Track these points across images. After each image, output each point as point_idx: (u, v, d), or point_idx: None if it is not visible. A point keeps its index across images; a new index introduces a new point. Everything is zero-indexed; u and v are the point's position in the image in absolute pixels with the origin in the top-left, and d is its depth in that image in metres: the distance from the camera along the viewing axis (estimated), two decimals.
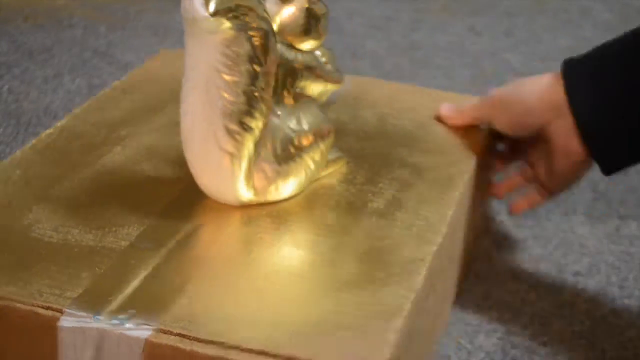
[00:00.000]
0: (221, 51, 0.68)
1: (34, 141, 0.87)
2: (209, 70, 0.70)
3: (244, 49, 0.69)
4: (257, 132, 0.72)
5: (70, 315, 0.61)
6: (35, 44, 1.79)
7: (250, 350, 0.60)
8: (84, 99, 1.60)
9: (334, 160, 0.85)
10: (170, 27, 1.92)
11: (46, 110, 1.54)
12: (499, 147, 1.03)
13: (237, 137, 0.72)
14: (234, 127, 0.71)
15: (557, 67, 1.04)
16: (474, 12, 2.15)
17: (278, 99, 0.77)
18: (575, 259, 1.23)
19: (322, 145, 0.80)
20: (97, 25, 1.90)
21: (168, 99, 0.94)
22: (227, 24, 0.67)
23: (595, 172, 1.11)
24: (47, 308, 0.63)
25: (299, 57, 0.81)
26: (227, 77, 0.70)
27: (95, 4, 2.02)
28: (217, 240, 0.73)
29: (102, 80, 1.67)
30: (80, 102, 1.59)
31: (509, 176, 1.04)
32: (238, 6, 0.68)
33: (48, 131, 0.89)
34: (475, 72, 1.84)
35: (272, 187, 0.76)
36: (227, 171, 0.73)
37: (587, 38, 2.02)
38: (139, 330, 0.61)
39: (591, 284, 1.19)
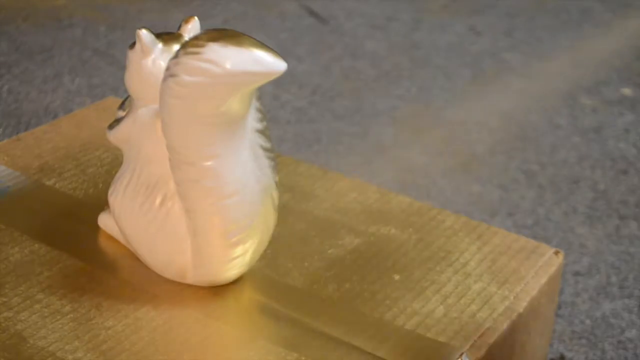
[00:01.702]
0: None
1: None
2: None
3: None
4: None
5: None
6: (35, 44, 1.79)
7: None
8: (84, 99, 1.60)
9: None
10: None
11: (46, 110, 1.54)
12: None
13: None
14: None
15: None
16: (474, 12, 2.15)
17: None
18: (575, 259, 1.23)
19: None
20: (97, 25, 1.90)
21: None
22: None
23: (595, 172, 1.11)
24: None
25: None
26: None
27: (95, 4, 2.01)
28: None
29: (102, 80, 1.67)
30: (80, 102, 1.59)
31: None
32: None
33: None
34: (475, 72, 1.84)
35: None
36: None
37: (587, 38, 2.02)
38: None
39: (591, 284, 1.19)
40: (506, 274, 0.72)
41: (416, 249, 0.75)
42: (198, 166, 0.62)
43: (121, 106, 0.72)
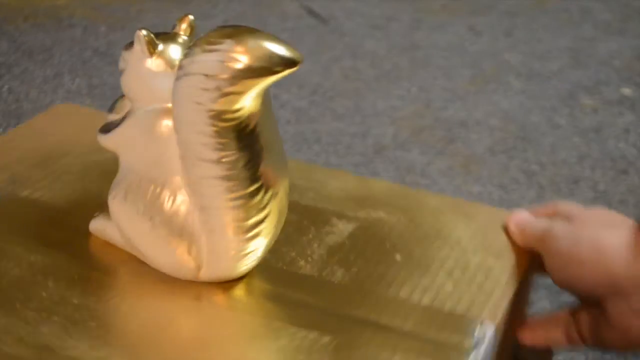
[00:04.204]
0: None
1: None
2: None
3: None
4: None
5: None
6: (35, 44, 1.79)
7: None
8: (84, 98, 1.60)
9: None
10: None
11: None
12: None
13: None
14: None
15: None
16: (474, 12, 2.15)
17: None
18: None
19: None
20: (97, 25, 1.90)
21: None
22: None
23: (595, 172, 1.11)
24: None
25: None
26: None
27: (95, 4, 2.01)
28: None
29: (102, 80, 1.67)
30: (80, 102, 1.59)
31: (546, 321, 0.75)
32: None
33: None
34: (475, 72, 1.84)
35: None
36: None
37: (587, 38, 2.02)
38: None
39: None
40: (499, 247, 0.74)
41: (408, 229, 0.76)
42: (216, 162, 0.62)
43: (111, 109, 0.71)
